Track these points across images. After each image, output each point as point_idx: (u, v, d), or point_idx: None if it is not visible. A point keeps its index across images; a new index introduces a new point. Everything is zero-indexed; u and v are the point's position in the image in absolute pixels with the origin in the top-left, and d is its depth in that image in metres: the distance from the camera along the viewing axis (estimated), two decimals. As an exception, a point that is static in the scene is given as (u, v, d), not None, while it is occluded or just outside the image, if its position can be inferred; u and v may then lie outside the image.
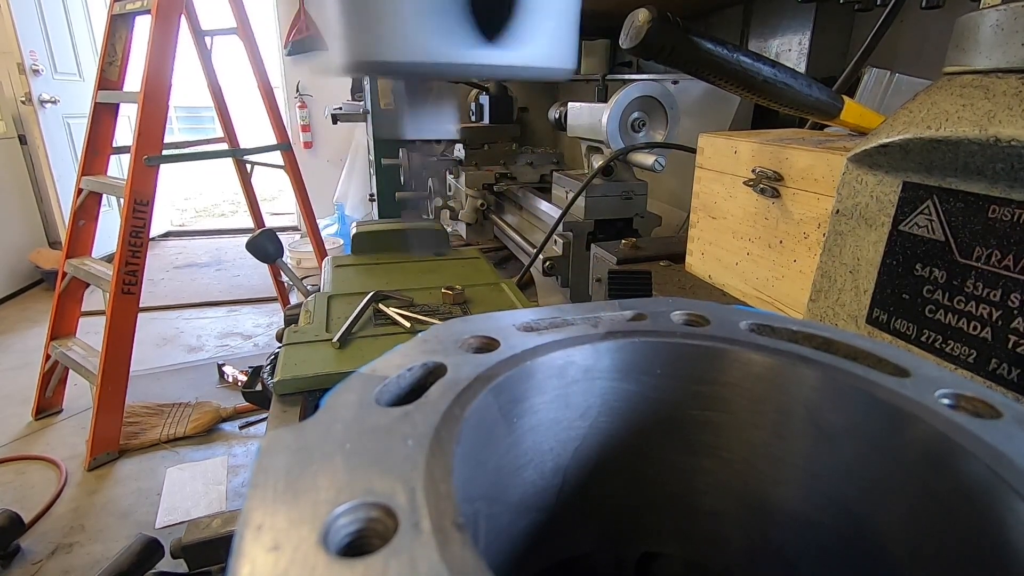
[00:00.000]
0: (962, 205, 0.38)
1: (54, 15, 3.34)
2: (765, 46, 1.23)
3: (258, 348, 2.58)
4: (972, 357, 0.38)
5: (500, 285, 1.08)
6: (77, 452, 1.81)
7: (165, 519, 1.55)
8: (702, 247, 0.82)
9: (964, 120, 0.35)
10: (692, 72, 0.55)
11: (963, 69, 0.38)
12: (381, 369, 0.20)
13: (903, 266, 0.41)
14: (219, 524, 0.79)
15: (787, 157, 0.64)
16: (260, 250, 1.20)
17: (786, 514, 0.24)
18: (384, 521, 0.13)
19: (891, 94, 0.82)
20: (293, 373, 0.73)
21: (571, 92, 2.09)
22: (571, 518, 0.26)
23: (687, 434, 0.26)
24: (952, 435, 0.18)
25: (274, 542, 0.12)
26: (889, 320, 0.43)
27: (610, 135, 1.09)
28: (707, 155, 0.79)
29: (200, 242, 4.46)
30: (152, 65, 1.71)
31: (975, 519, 0.17)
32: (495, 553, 0.22)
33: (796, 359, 0.23)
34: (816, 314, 0.49)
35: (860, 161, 0.43)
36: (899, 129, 0.39)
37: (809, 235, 0.62)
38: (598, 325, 0.25)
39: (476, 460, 0.19)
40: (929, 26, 0.95)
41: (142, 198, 1.74)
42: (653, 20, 0.51)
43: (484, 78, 1.49)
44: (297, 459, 0.15)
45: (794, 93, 0.57)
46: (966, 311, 0.38)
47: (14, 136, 3.39)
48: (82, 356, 1.89)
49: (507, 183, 1.67)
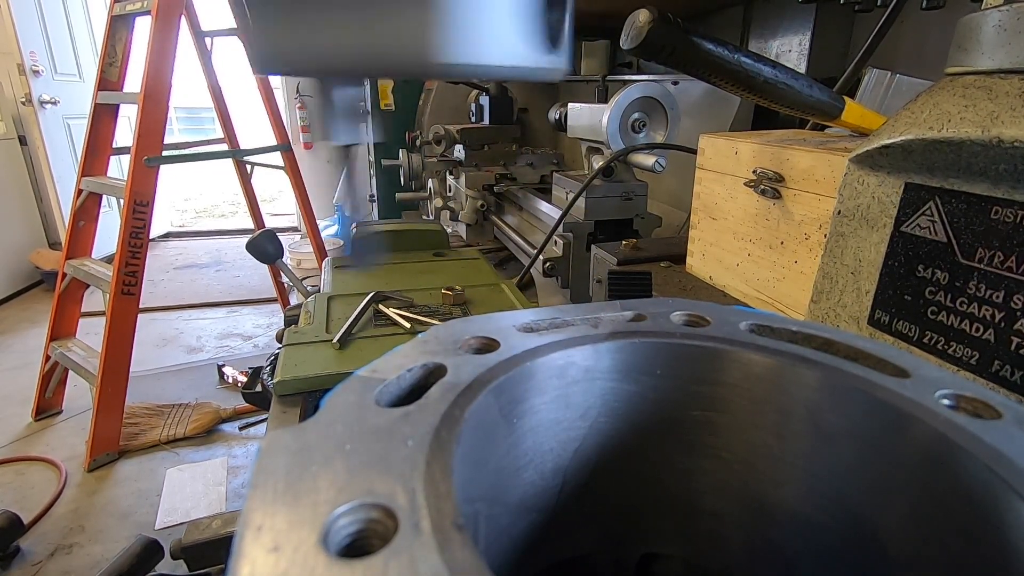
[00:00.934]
0: (964, 206, 0.37)
1: (54, 16, 3.34)
2: (765, 47, 1.23)
3: (258, 349, 2.58)
4: (975, 359, 0.38)
5: (500, 286, 1.08)
6: (77, 453, 1.81)
7: (165, 520, 1.55)
8: (703, 248, 0.82)
9: (967, 121, 0.35)
10: (693, 73, 0.55)
11: (965, 70, 0.38)
12: (381, 370, 0.20)
13: (905, 267, 0.41)
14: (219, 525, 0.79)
15: (788, 158, 0.64)
16: (260, 251, 1.20)
17: (786, 514, 0.24)
18: (384, 522, 0.13)
19: (892, 95, 0.82)
20: (293, 374, 0.73)
21: (571, 93, 2.09)
22: (571, 519, 0.26)
23: (687, 434, 0.26)
24: (952, 436, 0.18)
25: (274, 543, 0.12)
26: (891, 322, 0.43)
27: (610, 136, 1.09)
28: (708, 156, 0.79)
29: (200, 243, 4.46)
30: (152, 66, 1.71)
31: (975, 519, 0.17)
32: (495, 554, 0.22)
33: (796, 360, 0.23)
34: (817, 315, 0.49)
35: (862, 162, 0.43)
36: (901, 130, 0.39)
37: (810, 236, 0.62)
38: (598, 326, 0.25)
39: (476, 461, 0.19)
40: (929, 27, 0.95)
41: (142, 199, 1.74)
42: (654, 21, 0.51)
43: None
44: (297, 460, 0.15)
45: (795, 94, 0.57)
46: (968, 313, 0.38)
47: (14, 137, 3.39)
48: (82, 357, 1.89)
49: (507, 184, 1.67)
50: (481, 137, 1.82)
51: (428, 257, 1.27)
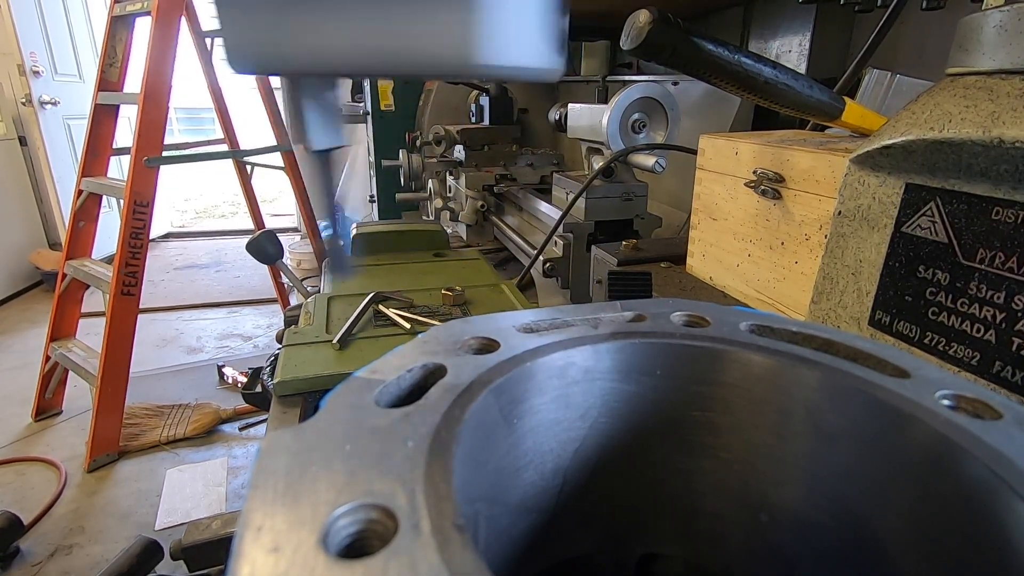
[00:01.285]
0: (965, 207, 0.37)
1: (54, 16, 3.34)
2: (765, 47, 1.23)
3: (258, 349, 2.58)
4: (976, 360, 0.38)
5: (500, 286, 1.08)
6: (77, 453, 1.81)
7: (165, 521, 1.55)
8: (703, 248, 0.82)
9: (968, 121, 0.35)
10: (693, 73, 0.55)
11: (966, 70, 0.38)
12: (381, 370, 0.20)
13: (906, 268, 0.41)
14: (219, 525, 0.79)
15: (788, 158, 0.64)
16: (260, 251, 1.20)
17: (786, 514, 0.24)
18: (384, 522, 0.13)
19: (892, 95, 0.82)
20: (293, 374, 0.73)
21: (571, 93, 2.09)
22: (571, 519, 0.26)
23: (687, 435, 0.26)
24: (952, 436, 0.18)
25: (274, 543, 0.12)
26: (892, 322, 0.43)
27: (611, 136, 1.09)
28: (708, 156, 0.78)
29: (200, 243, 4.46)
30: (152, 66, 1.71)
31: (975, 520, 0.17)
32: (495, 554, 0.22)
33: (796, 360, 0.23)
34: (818, 316, 0.49)
35: (862, 162, 0.43)
36: (902, 130, 0.39)
37: (811, 237, 0.62)
38: (598, 326, 0.25)
39: (476, 461, 0.19)
40: (929, 27, 0.95)
41: (142, 199, 1.74)
42: (654, 21, 0.50)
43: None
44: (297, 460, 0.15)
45: (795, 94, 0.57)
46: (969, 313, 0.38)
47: (14, 137, 3.39)
48: (82, 357, 1.89)
49: (507, 184, 1.67)
50: (481, 138, 1.82)
51: (428, 257, 1.27)
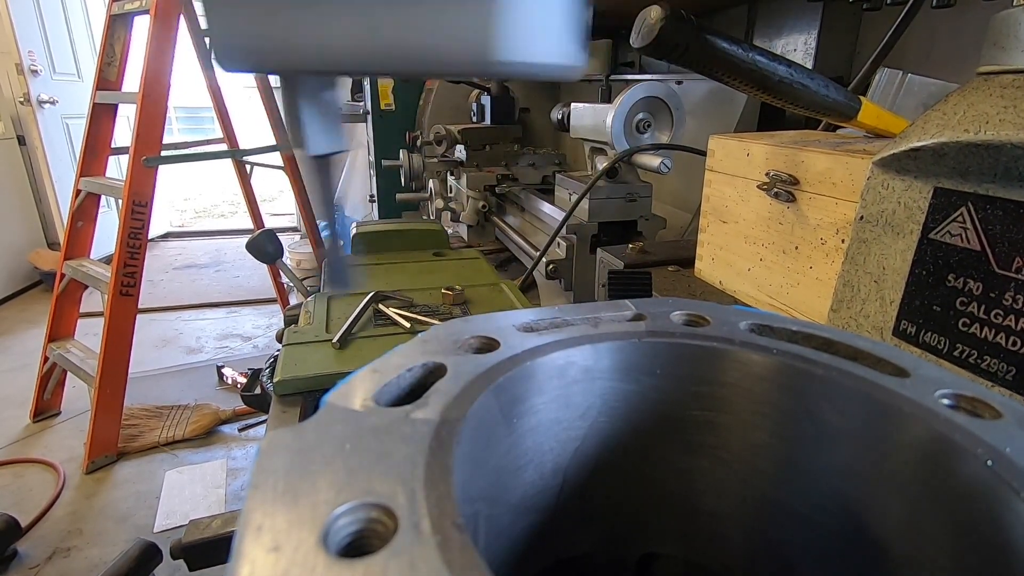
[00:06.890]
0: (1001, 213, 0.36)
1: (53, 15, 3.34)
2: (769, 46, 1.23)
3: (258, 350, 2.58)
4: (1011, 374, 0.36)
5: (500, 286, 1.08)
6: (75, 455, 1.81)
7: (164, 523, 1.54)
8: (712, 252, 0.81)
9: (1007, 123, 0.34)
10: (706, 72, 0.53)
11: (1002, 69, 0.37)
12: (381, 369, 0.20)
13: (934, 276, 0.40)
14: (219, 524, 0.79)
15: (803, 160, 0.62)
16: (260, 251, 1.19)
17: (786, 514, 0.24)
18: (384, 522, 0.13)
19: (903, 94, 0.81)
20: (293, 373, 0.73)
21: (574, 93, 2.09)
22: (571, 518, 0.26)
23: (687, 434, 0.26)
24: (951, 435, 0.18)
25: (274, 543, 0.12)
26: (918, 333, 0.41)
27: (615, 136, 1.09)
28: (718, 157, 0.77)
29: (200, 243, 4.46)
30: (151, 65, 1.71)
31: (975, 519, 0.17)
32: (495, 553, 0.22)
33: (796, 360, 0.23)
34: (838, 324, 0.47)
35: (887, 165, 0.42)
36: (932, 132, 0.37)
37: (827, 241, 0.60)
38: (598, 325, 0.25)
39: (476, 460, 0.19)
40: (938, 26, 0.95)
41: (141, 199, 1.74)
42: (667, 18, 0.49)
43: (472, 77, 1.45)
44: (297, 460, 0.15)
45: (810, 94, 0.56)
46: (1004, 325, 0.36)
47: (12, 137, 3.38)
48: (80, 358, 1.89)
49: (509, 185, 1.67)
50: (482, 137, 1.82)
51: (428, 257, 1.27)
